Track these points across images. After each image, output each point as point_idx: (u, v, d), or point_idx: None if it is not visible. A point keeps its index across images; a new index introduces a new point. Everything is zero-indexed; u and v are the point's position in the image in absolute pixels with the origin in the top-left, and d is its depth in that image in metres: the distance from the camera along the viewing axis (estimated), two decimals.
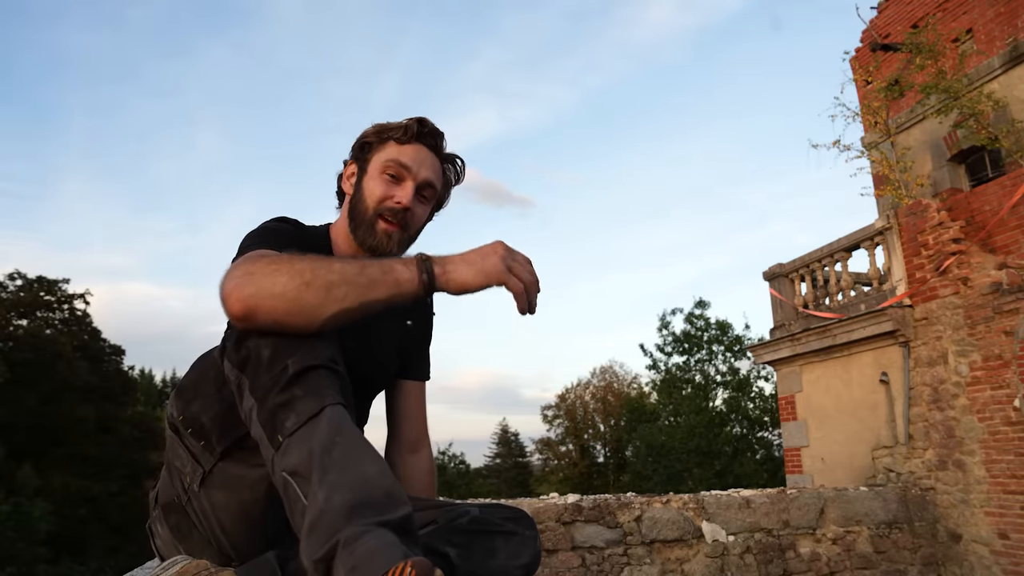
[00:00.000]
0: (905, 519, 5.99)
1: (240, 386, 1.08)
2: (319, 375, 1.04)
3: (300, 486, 0.96)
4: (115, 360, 25.79)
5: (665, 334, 25.13)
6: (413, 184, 1.37)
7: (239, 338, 1.09)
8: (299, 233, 1.36)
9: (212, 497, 1.19)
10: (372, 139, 1.40)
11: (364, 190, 1.37)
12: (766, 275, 8.62)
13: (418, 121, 1.39)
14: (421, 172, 1.38)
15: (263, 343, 1.06)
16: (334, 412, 1.01)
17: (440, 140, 1.43)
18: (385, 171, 1.37)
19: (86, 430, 22.53)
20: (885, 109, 8.66)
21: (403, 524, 0.94)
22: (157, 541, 1.33)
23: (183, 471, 1.23)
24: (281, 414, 1.01)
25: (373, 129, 1.41)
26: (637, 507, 4.88)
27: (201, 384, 1.22)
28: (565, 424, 33.52)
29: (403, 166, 1.36)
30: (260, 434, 1.04)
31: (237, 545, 1.21)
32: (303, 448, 0.97)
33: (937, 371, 6.33)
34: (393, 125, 1.40)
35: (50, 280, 24.48)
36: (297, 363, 1.04)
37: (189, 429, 1.21)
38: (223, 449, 1.18)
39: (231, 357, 1.10)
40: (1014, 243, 5.91)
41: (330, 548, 0.89)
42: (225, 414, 1.15)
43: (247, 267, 1.08)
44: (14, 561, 17.40)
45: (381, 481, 0.96)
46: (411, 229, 1.39)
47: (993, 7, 8.09)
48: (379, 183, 1.36)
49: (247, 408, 1.07)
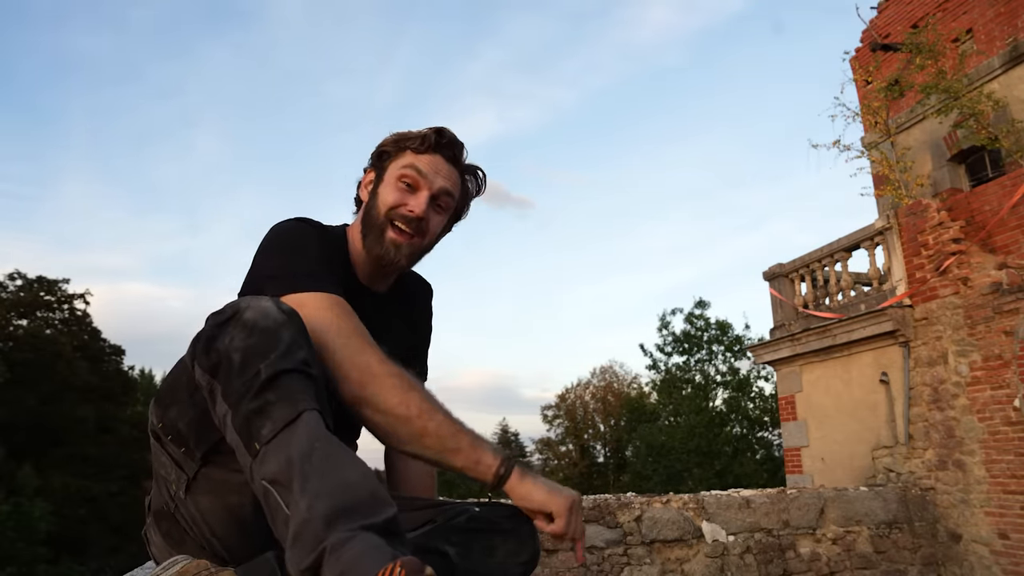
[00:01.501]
0: (905, 519, 5.99)
1: (212, 391, 1.07)
2: (292, 380, 1.03)
3: (281, 495, 0.95)
4: (115, 360, 25.81)
5: (665, 334, 25.14)
6: (428, 193, 1.36)
7: (209, 341, 1.08)
8: (320, 236, 1.35)
9: (199, 503, 1.18)
10: (390, 148, 1.39)
11: (378, 197, 1.37)
12: (766, 275, 8.62)
13: (436, 131, 1.38)
14: (437, 181, 1.36)
15: (233, 346, 1.05)
16: (311, 418, 1.00)
17: (459, 151, 1.41)
18: (401, 179, 1.36)
19: (86, 430, 22.55)
20: (885, 109, 8.65)
21: (388, 526, 0.93)
22: (152, 549, 1.31)
23: (168, 479, 1.21)
24: (256, 421, 1.00)
25: (392, 138, 1.40)
26: (637, 507, 4.88)
27: (176, 390, 1.19)
28: (565, 424, 33.51)
29: (419, 173, 1.36)
30: (236, 440, 1.03)
31: (230, 548, 1.19)
32: (281, 456, 0.96)
33: (937, 371, 6.32)
34: (412, 134, 1.39)
35: (50, 280, 24.51)
36: (270, 367, 1.02)
37: (169, 436, 1.19)
38: (202, 454, 1.16)
39: (201, 362, 1.08)
40: (1014, 243, 5.91)
41: (316, 557, 0.88)
42: (200, 419, 1.13)
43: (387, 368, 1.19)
44: (14, 561, 17.40)
45: (364, 484, 0.95)
46: (425, 239, 1.38)
47: (993, 7, 8.09)
48: (393, 190, 1.36)
49: (220, 414, 1.05)
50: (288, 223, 1.34)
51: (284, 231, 1.31)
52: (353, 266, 1.39)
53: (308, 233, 1.32)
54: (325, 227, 1.40)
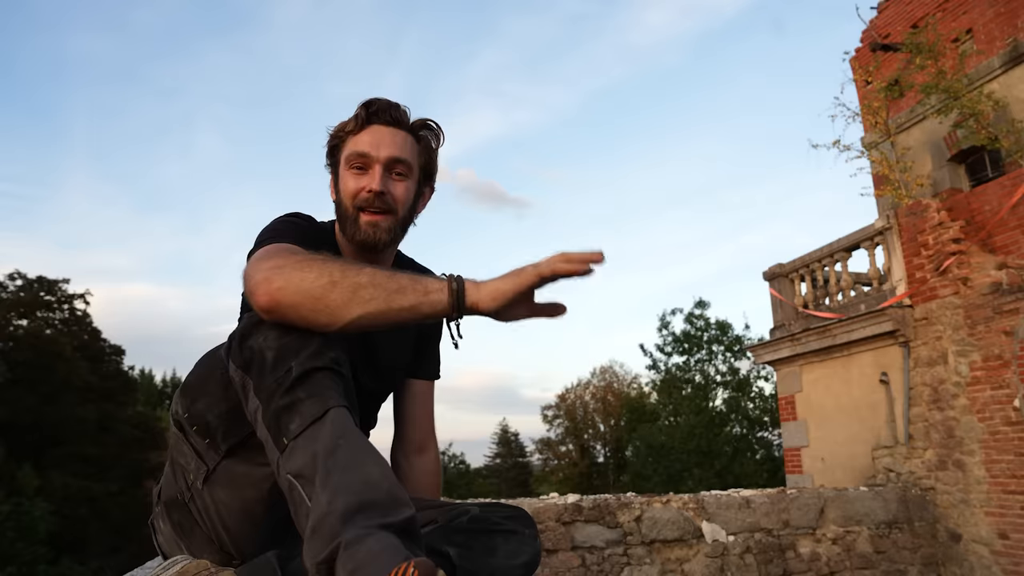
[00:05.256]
0: (905, 519, 5.99)
1: (245, 387, 1.09)
2: (323, 377, 1.05)
3: (304, 488, 0.97)
4: (115, 360, 25.81)
5: (665, 334, 25.14)
6: (379, 167, 1.34)
7: (243, 339, 1.10)
8: (313, 229, 1.36)
9: (215, 495, 1.20)
10: (334, 142, 1.39)
11: (340, 191, 1.37)
12: (766, 275, 8.62)
13: (364, 105, 1.36)
14: (382, 152, 1.34)
15: (267, 344, 1.07)
16: (338, 415, 1.02)
17: (396, 112, 1.37)
18: (350, 166, 1.35)
19: (86, 430, 22.54)
20: (885, 109, 8.65)
21: (406, 526, 0.94)
22: (159, 537, 1.33)
23: (187, 468, 1.23)
24: (285, 417, 1.01)
25: (332, 131, 1.39)
26: (637, 507, 4.88)
27: (207, 382, 1.21)
28: (565, 424, 33.53)
29: (361, 155, 1.34)
30: (265, 435, 1.05)
31: (238, 543, 1.21)
32: (307, 451, 0.98)
33: (937, 371, 6.32)
34: (346, 120, 1.38)
35: (50, 280, 24.51)
36: (301, 365, 1.04)
37: (194, 427, 1.21)
38: (228, 447, 1.18)
39: (235, 358, 1.11)
40: (1014, 243, 5.91)
41: (332, 550, 0.89)
42: (232, 413, 1.15)
43: (277, 260, 1.10)
44: (14, 561, 17.40)
45: (384, 483, 0.97)
46: (399, 211, 1.36)
47: (993, 7, 8.09)
48: (349, 179, 1.35)
49: (252, 409, 1.07)
50: (281, 216, 1.36)
51: (270, 223, 1.33)
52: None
53: (291, 223, 1.33)
54: (316, 222, 1.41)
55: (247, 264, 1.16)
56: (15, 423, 20.80)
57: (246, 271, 1.14)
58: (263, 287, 1.07)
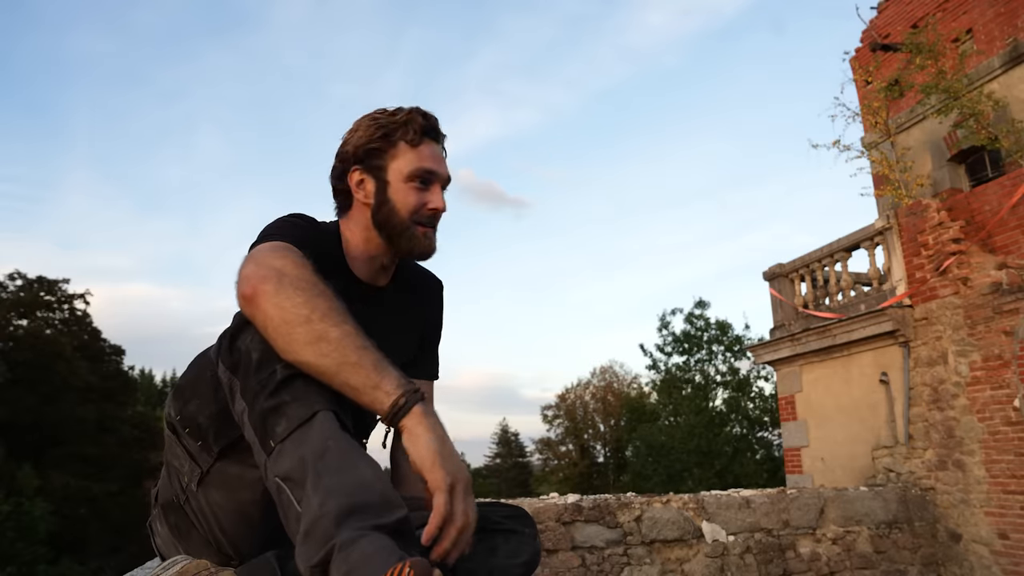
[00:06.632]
0: (905, 519, 5.99)
1: (232, 389, 1.09)
2: (308, 380, 1.04)
3: (293, 492, 0.96)
4: (115, 360, 25.83)
5: (665, 334, 25.14)
6: (440, 185, 1.37)
7: (232, 340, 1.10)
8: (314, 231, 1.34)
9: (210, 497, 1.20)
10: (379, 143, 1.34)
11: (394, 202, 1.33)
12: (766, 275, 8.62)
13: (421, 115, 1.35)
14: (443, 171, 1.37)
15: (253, 346, 1.07)
16: (326, 418, 1.01)
17: (440, 128, 1.40)
18: (413, 179, 1.34)
19: (86, 430, 22.55)
20: (885, 109, 8.65)
21: (399, 527, 0.94)
22: (157, 540, 1.33)
23: (181, 471, 1.23)
24: (271, 419, 1.01)
25: (373, 129, 1.34)
26: (637, 507, 4.88)
27: (198, 384, 1.21)
28: (565, 424, 33.53)
29: (429, 172, 1.34)
30: (252, 438, 1.04)
31: (236, 544, 1.21)
32: (295, 454, 0.97)
33: (937, 371, 6.32)
34: (396, 122, 1.34)
35: (50, 280, 24.52)
36: (286, 368, 1.04)
37: (186, 429, 1.21)
38: (220, 449, 1.17)
39: (224, 359, 1.10)
40: (1014, 243, 5.91)
41: (325, 553, 0.89)
42: (222, 414, 1.14)
43: (280, 263, 1.09)
44: (14, 561, 17.41)
45: (376, 485, 0.96)
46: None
47: (993, 7, 8.09)
48: (409, 192, 1.33)
49: (239, 411, 1.07)
50: (283, 216, 1.33)
51: (273, 222, 1.31)
52: (349, 262, 1.38)
53: (293, 223, 1.31)
54: (318, 223, 1.39)
55: (253, 250, 1.15)
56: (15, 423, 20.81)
57: (251, 255, 1.12)
58: (255, 279, 1.07)
